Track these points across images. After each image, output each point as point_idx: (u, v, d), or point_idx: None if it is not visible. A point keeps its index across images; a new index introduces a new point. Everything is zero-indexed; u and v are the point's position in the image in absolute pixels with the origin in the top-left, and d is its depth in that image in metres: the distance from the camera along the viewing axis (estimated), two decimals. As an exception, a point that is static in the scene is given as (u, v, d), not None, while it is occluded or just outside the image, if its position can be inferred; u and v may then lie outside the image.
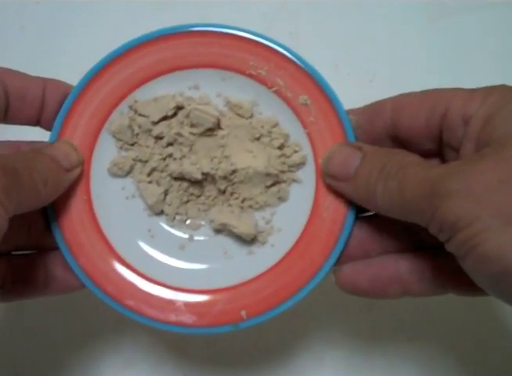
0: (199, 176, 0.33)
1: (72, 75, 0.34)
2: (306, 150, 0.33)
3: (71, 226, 0.32)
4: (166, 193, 0.34)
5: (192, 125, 0.33)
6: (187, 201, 0.34)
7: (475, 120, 0.27)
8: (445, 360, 0.42)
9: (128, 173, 0.34)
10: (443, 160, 0.31)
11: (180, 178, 0.33)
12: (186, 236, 0.34)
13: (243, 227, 0.32)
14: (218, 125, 0.34)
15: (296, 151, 0.33)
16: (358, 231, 0.32)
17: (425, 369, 0.42)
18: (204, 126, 0.33)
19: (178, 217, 0.34)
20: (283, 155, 0.33)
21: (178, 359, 0.42)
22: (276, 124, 0.34)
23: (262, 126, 0.33)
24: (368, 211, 0.32)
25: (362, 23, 0.51)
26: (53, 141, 0.32)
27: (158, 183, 0.34)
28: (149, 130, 0.33)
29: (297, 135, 0.33)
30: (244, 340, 0.42)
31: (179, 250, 0.33)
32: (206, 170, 0.33)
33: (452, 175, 0.25)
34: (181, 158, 0.33)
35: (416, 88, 0.31)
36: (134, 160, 0.34)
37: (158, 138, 0.34)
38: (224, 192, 0.34)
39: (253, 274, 0.32)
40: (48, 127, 0.33)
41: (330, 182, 0.31)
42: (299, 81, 0.33)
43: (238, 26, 0.33)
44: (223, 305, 0.31)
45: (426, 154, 0.30)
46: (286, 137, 0.33)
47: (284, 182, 0.33)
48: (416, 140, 0.31)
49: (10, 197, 0.25)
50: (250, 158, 0.33)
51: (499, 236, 0.23)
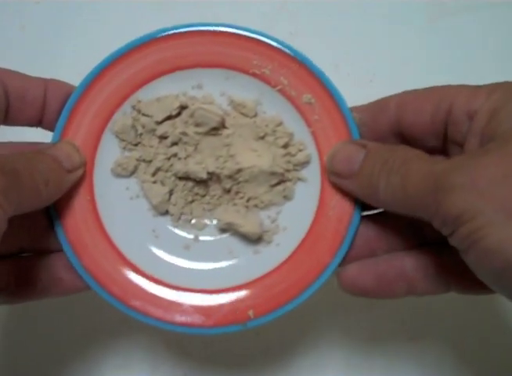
0: (204, 176, 0.32)
1: (72, 75, 0.34)
2: (311, 149, 0.33)
3: (75, 227, 0.32)
4: (171, 192, 0.33)
5: (197, 124, 0.33)
6: (192, 201, 0.34)
7: (480, 115, 0.27)
8: (446, 360, 0.42)
9: (132, 173, 0.34)
10: (447, 157, 0.31)
11: (185, 177, 0.33)
12: (191, 236, 0.33)
13: (249, 226, 0.32)
14: (222, 124, 0.33)
15: (300, 150, 0.33)
16: (364, 229, 0.32)
17: (426, 369, 0.42)
18: (209, 125, 0.33)
19: (182, 217, 0.34)
20: (287, 154, 0.33)
21: (178, 359, 0.42)
22: (280, 123, 0.33)
23: (266, 125, 0.33)
24: (373, 208, 0.32)
25: (362, 23, 0.51)
26: (55, 142, 0.32)
27: (163, 183, 0.33)
28: (153, 130, 0.33)
29: (301, 133, 0.33)
30: (243, 340, 0.42)
31: (184, 250, 0.33)
32: (211, 169, 0.32)
33: (456, 169, 0.25)
34: (186, 158, 0.33)
35: (416, 88, 0.31)
36: (137, 160, 0.34)
37: (162, 137, 0.33)
38: (229, 191, 0.33)
39: (259, 273, 0.32)
40: (50, 127, 0.33)
41: (335, 179, 0.31)
42: (303, 80, 0.33)
43: (241, 25, 0.33)
44: (230, 304, 0.31)
45: (430, 152, 0.30)
46: (291, 136, 0.33)
47: (289, 180, 0.33)
48: (420, 136, 0.31)
49: (9, 197, 0.25)
50: (254, 157, 0.32)
51: (502, 230, 0.23)
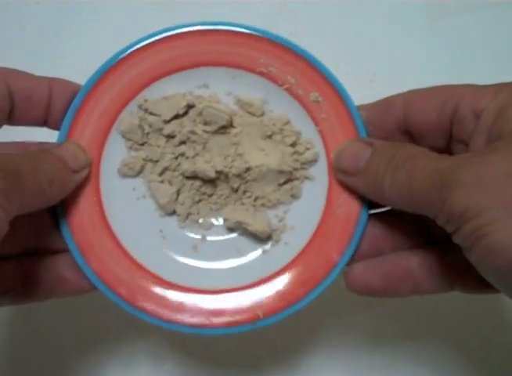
0: (213, 174, 0.32)
1: (72, 75, 0.34)
2: (318, 147, 0.33)
3: (81, 228, 0.31)
4: (178, 192, 0.33)
5: (205, 123, 0.33)
6: (199, 201, 0.34)
7: (487, 113, 0.27)
8: (447, 359, 0.41)
9: (139, 173, 0.33)
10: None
11: (192, 177, 0.33)
12: (199, 236, 0.33)
13: (258, 225, 0.32)
14: (230, 123, 0.33)
15: (308, 148, 0.33)
16: (370, 228, 0.32)
17: (426, 368, 0.42)
18: (218, 123, 0.33)
19: (190, 217, 0.33)
20: (295, 152, 0.33)
21: (181, 358, 0.41)
22: (288, 122, 0.33)
23: (274, 124, 0.33)
24: (379, 207, 0.32)
25: (362, 23, 0.51)
26: (61, 141, 0.32)
27: (170, 183, 0.33)
28: (160, 129, 0.33)
29: (308, 132, 0.33)
30: (244, 340, 0.41)
31: (192, 250, 0.33)
32: (219, 168, 0.32)
33: (462, 166, 0.25)
34: (193, 157, 0.33)
35: (416, 87, 0.32)
36: (144, 160, 0.33)
37: (170, 137, 0.33)
38: (236, 190, 0.33)
39: (267, 273, 0.32)
40: (55, 127, 0.33)
41: (341, 177, 0.31)
42: (310, 79, 0.33)
43: (247, 24, 0.33)
44: (238, 304, 0.31)
45: (435, 150, 0.29)
46: (298, 134, 0.33)
47: (297, 179, 0.33)
48: (426, 135, 0.31)
49: (11, 198, 0.25)
50: (262, 156, 0.32)
51: (507, 227, 0.23)
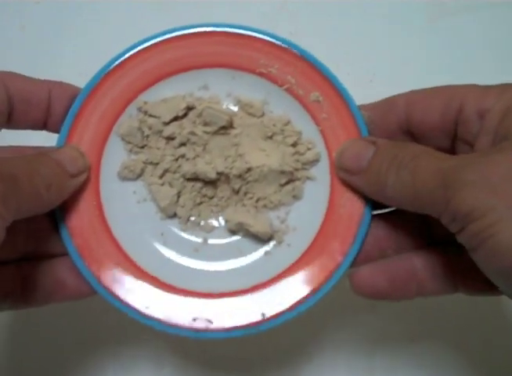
0: (213, 176, 0.32)
1: (72, 75, 0.34)
2: (319, 147, 0.33)
3: (81, 232, 0.31)
4: (179, 194, 0.33)
5: (205, 124, 0.33)
6: (200, 203, 0.33)
7: (492, 113, 0.27)
8: (448, 361, 0.41)
9: (139, 176, 0.33)
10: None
11: (193, 178, 0.33)
12: (200, 239, 0.33)
13: (260, 226, 0.32)
14: (230, 124, 0.33)
15: (309, 148, 0.33)
16: (374, 228, 0.31)
17: (428, 370, 0.41)
18: (218, 124, 0.33)
19: (191, 219, 0.33)
20: (296, 152, 0.33)
21: (179, 363, 0.41)
22: (288, 122, 0.33)
23: (274, 124, 0.33)
24: (382, 207, 0.32)
25: (362, 23, 0.51)
26: (60, 144, 0.32)
27: (171, 185, 0.33)
28: (160, 131, 0.33)
29: (309, 132, 0.33)
30: (244, 343, 0.41)
31: (194, 253, 0.32)
32: (220, 169, 0.32)
33: (468, 166, 0.24)
34: (194, 158, 0.33)
35: (416, 88, 0.32)
36: (144, 162, 0.33)
37: (169, 138, 0.33)
38: (237, 192, 0.33)
39: (270, 275, 0.31)
40: (54, 130, 0.33)
41: (343, 175, 0.31)
42: (310, 78, 0.33)
43: (246, 25, 0.33)
44: (242, 307, 0.30)
45: (439, 151, 0.29)
46: (299, 135, 0.33)
47: (298, 180, 0.33)
48: (429, 135, 0.31)
49: (7, 204, 0.25)
50: (263, 157, 0.32)
51: None
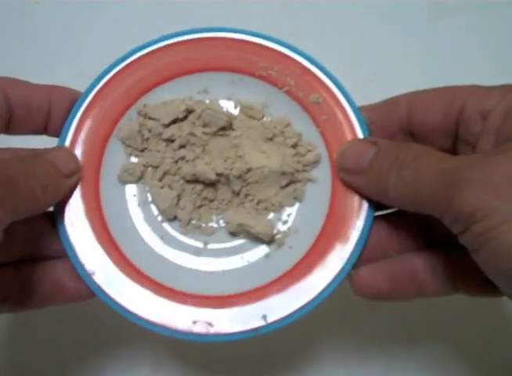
0: (213, 176, 0.32)
1: (72, 75, 0.34)
2: (320, 149, 0.33)
3: (81, 235, 0.31)
4: (179, 197, 0.33)
5: (204, 125, 0.33)
6: (200, 206, 0.33)
7: (495, 114, 0.27)
8: (448, 361, 0.41)
9: (139, 179, 0.33)
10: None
11: (193, 181, 0.33)
12: (201, 241, 0.32)
13: (261, 227, 0.31)
14: (230, 125, 0.33)
15: (310, 150, 0.33)
16: (376, 229, 0.31)
17: (427, 370, 0.41)
18: (217, 125, 0.32)
19: (191, 222, 0.33)
20: (297, 154, 0.33)
21: (178, 365, 0.41)
22: (288, 124, 0.33)
23: (274, 126, 0.33)
24: (384, 208, 0.31)
25: (362, 23, 0.51)
26: (51, 148, 0.32)
27: (171, 187, 0.33)
28: (160, 134, 0.33)
29: (310, 134, 0.33)
30: (243, 345, 0.41)
31: (194, 256, 0.32)
32: (220, 170, 0.32)
33: (471, 167, 0.24)
34: (194, 160, 0.33)
35: (416, 88, 0.32)
36: (144, 165, 0.33)
37: (169, 141, 0.33)
38: (238, 194, 0.33)
39: (271, 277, 0.31)
40: (55, 134, 0.33)
41: (344, 176, 0.31)
42: (310, 80, 0.33)
43: (245, 29, 0.33)
44: (243, 310, 0.30)
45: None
46: (300, 136, 0.33)
47: (299, 181, 0.33)
48: (431, 135, 0.30)
49: (4, 206, 0.25)
50: (263, 158, 0.32)
51: None
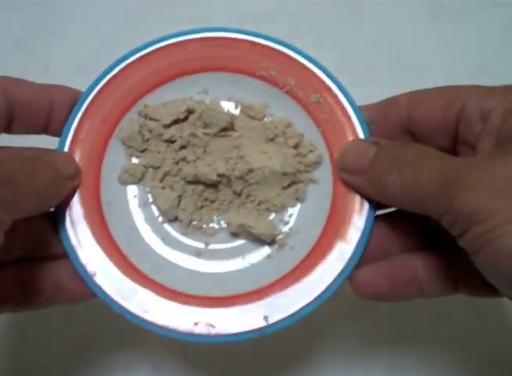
0: (214, 177, 0.32)
1: (72, 75, 0.34)
2: (321, 149, 0.32)
3: (82, 236, 0.31)
4: (180, 198, 0.33)
5: (205, 125, 0.33)
6: (201, 207, 0.33)
7: (495, 114, 0.27)
8: (448, 361, 0.41)
9: (140, 180, 0.33)
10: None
11: (194, 181, 0.33)
12: (202, 243, 0.32)
13: (262, 227, 0.31)
14: (231, 126, 0.33)
15: (311, 150, 0.33)
16: (377, 229, 0.31)
17: (427, 370, 0.41)
18: (218, 125, 0.32)
19: (192, 223, 0.33)
20: (298, 154, 0.33)
21: (177, 364, 0.41)
22: (290, 125, 0.33)
23: (276, 127, 0.33)
24: (385, 208, 0.31)
25: (362, 23, 0.51)
26: (52, 149, 0.32)
27: (171, 188, 0.33)
28: (161, 134, 0.33)
29: (311, 134, 0.33)
30: (242, 345, 0.41)
31: (195, 257, 0.32)
32: (221, 171, 0.32)
33: (472, 168, 0.24)
34: (195, 160, 0.33)
35: (416, 88, 0.32)
36: (145, 166, 0.33)
37: (170, 141, 0.33)
38: (239, 195, 0.33)
39: (273, 278, 0.31)
40: (55, 134, 0.33)
41: (344, 176, 0.31)
42: (310, 80, 0.33)
43: (245, 29, 0.33)
44: (244, 311, 0.30)
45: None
46: (301, 136, 0.33)
47: (301, 182, 0.33)
48: (431, 135, 0.30)
49: (6, 208, 0.25)
50: (265, 158, 0.32)
51: None
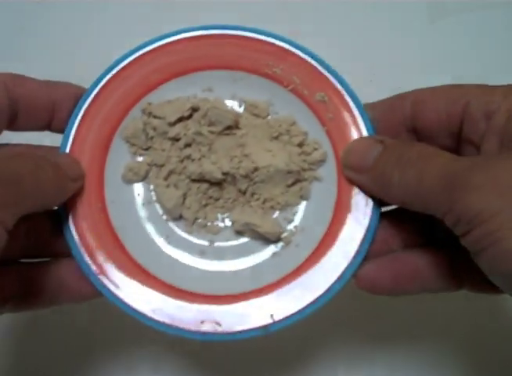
0: (219, 176, 0.32)
1: (72, 75, 0.34)
2: (326, 147, 0.32)
3: (86, 235, 0.31)
4: (184, 196, 0.33)
5: (210, 124, 0.33)
6: (206, 205, 0.33)
7: (499, 114, 0.27)
8: (448, 361, 0.41)
9: (144, 178, 0.33)
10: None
11: (199, 180, 0.33)
12: (206, 241, 0.32)
13: (268, 226, 0.31)
14: (236, 124, 0.33)
15: (316, 149, 0.33)
16: (382, 226, 0.31)
17: (427, 369, 0.41)
18: (223, 124, 0.32)
19: (197, 221, 0.33)
20: (303, 152, 0.33)
21: (177, 364, 0.41)
22: (294, 123, 0.33)
23: (280, 125, 0.33)
24: (388, 205, 0.31)
25: (362, 23, 0.51)
26: (65, 146, 0.32)
27: (176, 186, 0.33)
28: (165, 132, 0.33)
29: (315, 132, 0.33)
30: (243, 344, 0.41)
31: (200, 255, 0.32)
32: (226, 169, 0.32)
33: (476, 169, 0.24)
34: (200, 159, 0.33)
35: (416, 88, 0.32)
36: (149, 164, 0.33)
37: (174, 140, 0.33)
38: (244, 193, 0.33)
39: (279, 276, 0.31)
40: (58, 130, 0.32)
41: (349, 173, 0.31)
42: (315, 78, 0.33)
43: (249, 26, 0.33)
44: (250, 309, 0.30)
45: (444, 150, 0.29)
46: (305, 135, 0.33)
47: (305, 180, 0.33)
48: (435, 134, 0.31)
49: (10, 209, 0.25)
50: (270, 157, 0.32)
51: None
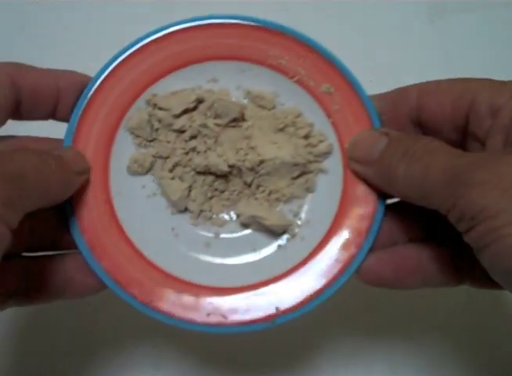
0: (225, 168, 0.31)
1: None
2: (331, 139, 0.32)
3: (91, 227, 0.31)
4: (190, 188, 0.32)
5: (216, 116, 0.32)
6: (211, 197, 0.33)
7: (505, 111, 0.27)
8: (448, 361, 0.41)
9: (148, 170, 0.33)
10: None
11: (204, 172, 0.32)
12: (212, 233, 0.32)
13: (274, 219, 0.31)
14: (242, 116, 0.33)
15: (321, 141, 0.32)
16: (387, 219, 0.31)
17: (427, 370, 0.41)
18: (229, 116, 0.32)
19: (202, 214, 0.33)
20: (308, 145, 0.32)
21: (177, 363, 0.41)
22: (300, 114, 0.33)
23: (286, 117, 0.33)
24: (392, 197, 0.31)
25: (362, 23, 0.51)
26: (69, 137, 0.31)
27: (181, 179, 0.32)
28: (170, 124, 0.33)
29: (321, 124, 0.33)
30: (242, 343, 0.41)
31: (205, 248, 0.32)
32: (232, 162, 0.32)
33: (481, 165, 0.24)
34: (205, 151, 0.32)
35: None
36: (154, 156, 0.33)
37: (180, 132, 0.33)
38: (250, 185, 0.33)
39: (284, 268, 0.31)
40: (63, 119, 0.32)
41: (354, 165, 0.31)
42: (321, 70, 0.32)
43: (255, 16, 0.33)
44: (256, 302, 0.30)
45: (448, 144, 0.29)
46: (311, 126, 0.33)
47: (311, 172, 0.32)
48: (440, 127, 0.30)
49: (15, 207, 0.24)
50: (275, 149, 0.32)
51: None
